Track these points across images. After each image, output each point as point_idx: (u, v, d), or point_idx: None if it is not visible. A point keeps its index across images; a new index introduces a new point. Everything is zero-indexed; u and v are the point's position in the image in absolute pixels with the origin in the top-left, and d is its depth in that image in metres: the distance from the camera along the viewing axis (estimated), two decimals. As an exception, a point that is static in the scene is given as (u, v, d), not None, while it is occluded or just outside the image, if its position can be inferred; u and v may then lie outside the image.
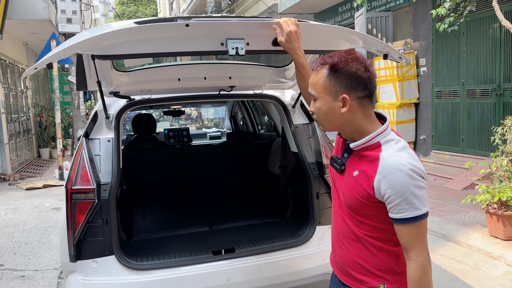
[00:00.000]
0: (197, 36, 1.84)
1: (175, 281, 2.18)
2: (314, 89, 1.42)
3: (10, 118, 9.87)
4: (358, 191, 1.38)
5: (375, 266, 1.42)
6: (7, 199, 7.08)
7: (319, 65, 1.42)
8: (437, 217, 5.00)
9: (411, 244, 1.33)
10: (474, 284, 3.50)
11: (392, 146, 1.37)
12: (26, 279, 3.85)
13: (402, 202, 1.30)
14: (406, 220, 1.31)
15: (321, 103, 1.41)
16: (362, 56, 1.41)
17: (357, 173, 1.39)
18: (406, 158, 1.33)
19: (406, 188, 1.30)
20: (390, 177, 1.31)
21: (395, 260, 1.41)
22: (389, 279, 1.42)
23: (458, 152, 7.31)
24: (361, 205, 1.39)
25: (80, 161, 2.23)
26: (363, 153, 1.40)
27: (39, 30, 10.12)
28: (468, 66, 7.01)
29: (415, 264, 1.32)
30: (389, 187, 1.31)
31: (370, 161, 1.37)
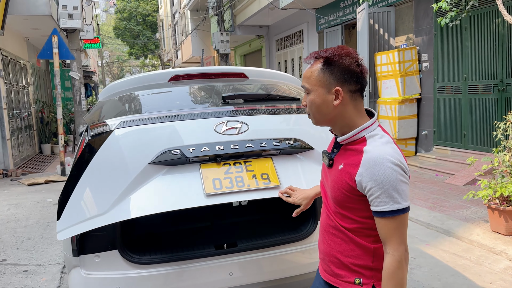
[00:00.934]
0: None
1: (178, 275, 2.18)
2: (308, 82, 1.45)
3: (11, 114, 9.88)
4: (342, 184, 1.42)
5: (352, 261, 1.46)
6: (9, 195, 7.10)
7: (313, 59, 1.46)
8: (438, 213, 5.00)
9: (388, 237, 1.35)
10: (476, 279, 3.50)
11: (376, 140, 1.40)
12: (29, 274, 3.87)
13: (382, 194, 1.33)
14: (385, 213, 1.34)
15: (315, 96, 1.44)
16: (354, 51, 1.45)
17: (342, 167, 1.43)
18: (389, 152, 1.36)
19: (387, 181, 1.32)
20: (372, 170, 1.33)
21: (371, 257, 1.45)
22: (365, 274, 1.45)
23: (460, 148, 7.30)
24: (346, 198, 1.42)
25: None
26: (349, 147, 1.44)
27: (40, 26, 10.11)
28: (470, 61, 6.99)
29: (391, 257, 1.35)
30: (370, 179, 1.33)
31: (355, 155, 1.40)
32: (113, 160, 1.91)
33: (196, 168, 1.98)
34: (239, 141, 2.01)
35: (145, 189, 1.91)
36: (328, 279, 1.54)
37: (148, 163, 1.92)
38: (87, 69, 18.88)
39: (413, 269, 3.73)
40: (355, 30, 9.56)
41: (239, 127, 2.04)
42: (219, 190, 1.92)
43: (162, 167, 1.96)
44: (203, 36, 18.96)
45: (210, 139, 1.99)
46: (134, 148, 1.95)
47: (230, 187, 1.94)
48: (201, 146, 1.95)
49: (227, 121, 2.04)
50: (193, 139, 1.98)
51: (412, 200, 5.58)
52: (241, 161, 2.02)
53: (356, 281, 1.46)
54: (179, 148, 1.95)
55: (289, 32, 13.63)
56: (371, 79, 8.73)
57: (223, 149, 1.97)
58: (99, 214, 1.85)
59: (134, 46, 33.44)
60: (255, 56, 17.60)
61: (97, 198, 1.87)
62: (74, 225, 1.83)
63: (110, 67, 47.06)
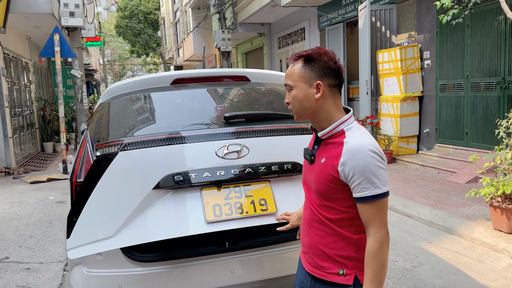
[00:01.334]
0: None
1: (179, 273, 2.18)
2: (290, 79, 1.56)
3: (13, 112, 9.90)
4: (325, 176, 1.51)
5: (336, 252, 1.54)
6: (12, 193, 7.12)
7: (293, 59, 1.59)
8: (440, 211, 4.99)
9: (370, 221, 1.45)
10: (478, 277, 3.50)
11: (354, 132, 1.51)
12: (31, 271, 3.88)
13: (363, 181, 1.43)
14: (367, 198, 1.44)
15: (297, 91, 1.55)
16: (332, 51, 1.58)
17: (324, 160, 1.53)
18: (368, 141, 1.46)
19: (367, 167, 1.42)
20: (353, 158, 1.43)
21: (354, 248, 1.53)
22: (348, 264, 1.54)
23: (462, 146, 7.29)
24: (329, 189, 1.51)
25: (84, 154, 2.24)
26: (329, 141, 1.54)
27: (42, 24, 10.11)
28: (472, 59, 6.97)
29: (373, 239, 1.45)
30: (352, 167, 1.43)
31: (335, 147, 1.50)
32: (118, 184, 1.97)
33: (197, 191, 2.05)
34: (240, 165, 2.06)
35: (149, 215, 1.97)
36: (312, 271, 1.61)
37: (152, 188, 1.98)
38: (89, 67, 18.89)
39: (415, 267, 3.73)
40: (357, 28, 9.54)
41: (240, 151, 2.09)
42: (218, 218, 1.99)
43: (165, 191, 2.02)
44: (204, 34, 18.94)
45: (211, 163, 2.04)
46: (138, 172, 2.00)
47: (230, 214, 2.02)
48: (202, 172, 2.02)
49: (228, 145, 2.08)
50: (195, 164, 2.03)
51: (414, 198, 5.57)
52: (240, 185, 2.09)
53: (339, 271, 1.54)
54: (182, 173, 2.01)
55: (290, 30, 13.60)
56: (372, 77, 8.71)
57: (224, 174, 2.05)
58: (107, 237, 1.94)
59: (136, 44, 33.45)
60: (256, 54, 17.58)
61: (105, 221, 1.94)
62: (84, 245, 1.92)
63: (112, 65, 47.09)
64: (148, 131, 2.14)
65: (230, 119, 2.17)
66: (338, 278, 1.54)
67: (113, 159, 1.98)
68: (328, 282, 1.57)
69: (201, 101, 2.51)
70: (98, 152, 2.00)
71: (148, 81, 2.47)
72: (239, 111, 2.30)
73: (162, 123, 2.26)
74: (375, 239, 1.45)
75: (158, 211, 1.99)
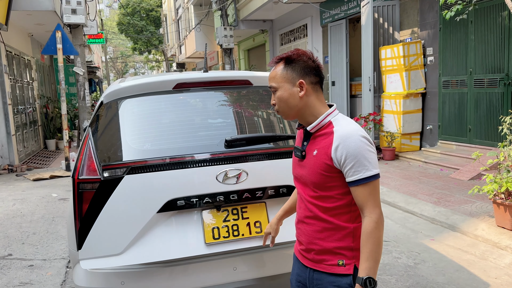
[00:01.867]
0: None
1: (183, 269, 2.19)
2: (274, 81, 1.65)
3: (16, 109, 9.92)
4: (320, 166, 1.59)
5: (334, 245, 1.61)
6: (15, 190, 7.15)
7: (274, 63, 1.68)
8: (443, 208, 4.98)
9: (365, 202, 1.54)
10: (481, 274, 3.49)
11: (341, 121, 1.62)
12: (35, 268, 3.89)
13: (356, 164, 1.52)
14: (360, 180, 1.53)
15: (282, 91, 1.64)
16: (310, 51, 1.68)
17: (316, 152, 1.61)
18: (356, 128, 1.57)
19: (358, 151, 1.52)
20: (345, 144, 1.53)
21: (352, 238, 1.61)
22: (347, 255, 1.61)
23: (465, 142, 7.26)
24: (325, 179, 1.59)
25: (86, 151, 2.24)
26: (318, 133, 1.63)
27: (44, 21, 10.12)
28: (476, 55, 6.93)
29: (368, 219, 1.54)
30: (344, 152, 1.53)
31: (326, 138, 1.60)
32: (125, 206, 2.11)
33: (198, 213, 2.21)
34: (238, 190, 2.21)
35: (153, 236, 2.14)
36: (312, 265, 1.68)
37: (156, 212, 2.12)
38: (91, 64, 18.91)
39: (418, 264, 3.72)
40: (360, 24, 9.50)
41: (239, 176, 2.21)
42: (217, 240, 2.17)
43: (168, 213, 2.17)
44: (206, 31, 18.91)
45: (212, 189, 2.18)
46: (143, 195, 2.13)
47: (227, 236, 2.19)
48: (203, 197, 2.17)
49: (229, 170, 2.19)
50: (196, 189, 2.17)
51: (417, 195, 5.56)
52: (238, 207, 2.25)
53: (339, 262, 1.61)
54: (184, 198, 2.15)
55: (293, 26, 13.57)
56: (375, 74, 8.68)
57: (223, 200, 2.20)
58: (116, 254, 2.10)
59: (138, 41, 33.44)
60: (258, 50, 17.55)
61: (113, 239, 2.11)
62: (96, 259, 2.10)
63: (114, 63, 47.11)
64: (152, 154, 2.20)
65: (231, 142, 2.25)
66: (338, 269, 1.61)
67: (119, 181, 2.11)
68: (328, 274, 1.63)
69: (204, 113, 2.50)
70: (105, 173, 2.11)
71: (150, 86, 2.43)
72: (240, 134, 2.36)
73: (165, 141, 2.31)
74: (371, 219, 1.53)
75: (161, 232, 2.16)
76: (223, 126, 2.45)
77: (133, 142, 2.28)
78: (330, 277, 1.63)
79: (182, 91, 2.48)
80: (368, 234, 1.52)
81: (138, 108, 2.43)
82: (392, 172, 6.98)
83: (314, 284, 1.68)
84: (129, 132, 2.33)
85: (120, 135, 2.32)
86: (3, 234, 4.86)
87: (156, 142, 2.28)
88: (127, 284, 2.14)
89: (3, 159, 9.20)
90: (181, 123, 2.41)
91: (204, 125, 2.44)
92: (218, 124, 2.46)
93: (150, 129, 2.37)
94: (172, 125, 2.40)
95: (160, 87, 2.44)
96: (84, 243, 2.12)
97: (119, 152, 2.23)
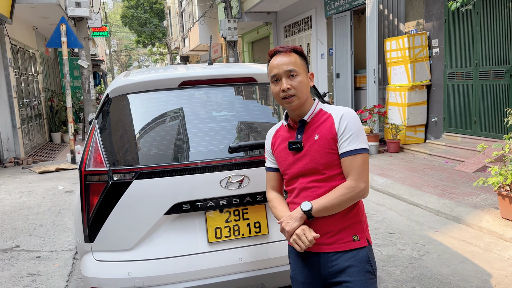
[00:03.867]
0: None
1: (189, 260, 2.22)
2: (296, 66, 1.74)
3: (22, 102, 9.97)
4: (326, 145, 1.69)
5: (347, 221, 1.71)
6: (21, 182, 7.20)
7: (289, 50, 1.76)
8: (448, 200, 4.98)
9: (351, 171, 1.65)
10: (485, 266, 3.50)
11: (330, 107, 1.79)
12: (42, 259, 3.94)
13: (353, 134, 1.66)
14: (353, 151, 1.65)
15: (303, 77, 1.75)
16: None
17: (318, 136, 1.72)
18: (347, 108, 1.74)
19: (356, 124, 1.68)
20: (345, 116, 1.69)
21: (359, 211, 1.75)
22: (358, 228, 1.73)
23: (470, 135, 7.23)
24: (332, 156, 1.69)
25: (93, 143, 2.26)
26: (313, 121, 1.75)
27: (48, 14, 10.12)
28: (481, 46, 6.88)
29: (345, 183, 1.66)
30: (345, 122, 1.68)
31: (324, 121, 1.73)
32: (133, 208, 2.21)
33: (202, 215, 2.32)
34: (240, 194, 2.32)
35: (160, 234, 2.26)
36: (327, 249, 1.71)
37: (163, 214, 2.23)
38: (95, 57, 18.92)
39: (422, 255, 3.74)
40: (364, 16, 9.44)
41: (241, 181, 2.30)
42: (219, 239, 2.30)
43: (174, 215, 2.27)
44: (210, 23, 18.85)
45: (215, 193, 2.28)
46: (151, 198, 2.23)
47: (228, 236, 2.32)
48: (208, 201, 2.28)
49: (232, 175, 2.29)
50: (201, 193, 2.27)
51: (421, 187, 5.56)
52: (239, 209, 2.36)
53: (354, 237, 1.71)
54: (189, 202, 2.26)
55: (297, 18, 13.50)
56: (380, 66, 8.63)
57: (226, 204, 2.31)
58: (126, 249, 2.24)
59: (142, 34, 33.37)
60: (262, 43, 17.49)
61: (124, 236, 2.23)
62: (108, 252, 2.24)
63: (118, 56, 47.09)
64: (159, 159, 2.27)
65: (235, 149, 2.32)
66: (354, 244, 1.70)
67: (128, 185, 2.20)
68: (345, 251, 1.69)
69: (209, 115, 2.53)
70: (115, 177, 2.19)
71: (156, 83, 2.43)
72: (243, 142, 2.44)
73: (172, 145, 2.37)
74: (347, 183, 1.65)
75: (168, 232, 2.28)
76: (228, 130, 2.49)
77: (140, 144, 2.34)
78: (346, 253, 1.68)
79: (187, 89, 2.49)
80: (335, 190, 1.66)
81: (144, 107, 2.44)
82: (397, 165, 6.98)
83: (329, 266, 1.70)
84: (135, 132, 2.37)
85: (127, 133, 2.36)
86: (10, 226, 4.91)
87: (163, 147, 2.33)
88: (134, 274, 2.17)
89: (9, 152, 9.26)
90: (187, 125, 2.44)
91: (209, 129, 2.48)
92: (223, 128, 2.49)
93: (156, 131, 2.41)
94: (178, 128, 2.43)
95: (165, 84, 2.45)
96: (97, 237, 2.22)
97: (128, 156, 2.29)
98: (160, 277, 2.19)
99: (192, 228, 2.30)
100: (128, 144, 2.34)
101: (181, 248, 2.25)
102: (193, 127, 2.44)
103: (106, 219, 2.20)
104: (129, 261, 2.20)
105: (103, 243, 2.23)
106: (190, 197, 2.26)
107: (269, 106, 2.67)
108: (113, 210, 2.19)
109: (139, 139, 2.34)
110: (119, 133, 2.36)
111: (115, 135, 2.34)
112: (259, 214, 2.38)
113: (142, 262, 2.20)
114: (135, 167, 2.21)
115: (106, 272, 2.19)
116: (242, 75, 2.58)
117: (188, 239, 2.28)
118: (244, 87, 2.62)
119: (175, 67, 2.90)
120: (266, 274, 2.29)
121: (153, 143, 2.35)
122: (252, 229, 2.35)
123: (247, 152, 2.36)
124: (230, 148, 2.32)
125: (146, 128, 2.39)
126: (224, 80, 2.54)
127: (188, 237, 2.28)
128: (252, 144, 2.38)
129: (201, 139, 2.42)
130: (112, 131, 2.34)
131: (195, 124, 2.45)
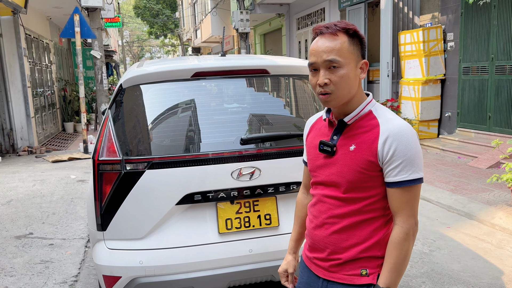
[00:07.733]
0: None
1: (200, 250, 2.24)
2: (339, 55, 1.32)
3: (35, 92, 10.07)
4: (359, 163, 1.36)
5: (359, 252, 1.41)
6: (35, 171, 7.30)
7: (336, 30, 1.35)
8: (460, 195, 4.93)
9: (400, 209, 1.35)
10: (497, 263, 3.46)
11: (383, 112, 1.40)
12: (55, 247, 4.00)
13: (403, 163, 1.31)
14: (403, 182, 1.32)
15: (348, 70, 1.34)
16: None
17: (354, 147, 1.38)
18: (406, 123, 1.35)
19: (410, 150, 1.31)
20: (395, 138, 1.31)
21: (380, 245, 1.41)
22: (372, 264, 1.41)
23: (484, 130, 7.13)
24: (363, 178, 1.36)
25: (106, 133, 2.27)
26: (357, 125, 1.39)
27: (62, 5, 10.18)
28: (498, 41, 6.76)
29: (399, 228, 1.35)
30: (393, 147, 1.31)
31: (368, 131, 1.37)
32: (145, 197, 2.23)
33: (213, 206, 2.33)
34: (251, 186, 2.31)
35: (171, 225, 2.28)
36: (329, 276, 1.47)
37: (175, 204, 2.25)
38: (108, 48, 19.01)
39: (433, 251, 3.71)
40: (379, 8, 9.32)
41: (252, 173, 2.30)
42: (229, 230, 2.31)
43: (185, 205, 2.29)
44: (222, 15, 18.79)
45: (227, 185, 2.29)
46: (163, 188, 2.24)
47: (239, 227, 2.32)
48: (218, 192, 2.29)
49: (243, 167, 2.29)
50: (212, 185, 2.28)
51: (434, 183, 5.51)
52: (250, 201, 2.36)
53: (362, 272, 1.41)
54: (201, 193, 2.26)
55: (310, 10, 13.38)
56: (394, 59, 8.54)
57: (237, 195, 2.31)
58: (138, 238, 2.26)
59: (154, 25, 33.41)
60: (275, 35, 17.39)
61: (136, 225, 2.25)
62: (120, 240, 2.27)
63: (130, 47, 47.26)
64: (171, 149, 2.27)
65: (247, 141, 2.32)
66: (360, 279, 1.41)
67: (141, 175, 2.21)
68: (347, 285, 1.43)
69: (221, 107, 2.51)
70: (128, 167, 2.21)
71: (169, 74, 2.44)
72: (255, 133, 2.42)
73: (184, 136, 2.36)
74: (402, 228, 1.34)
75: (179, 222, 2.30)
76: (240, 122, 2.47)
77: (152, 134, 2.34)
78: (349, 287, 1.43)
79: (200, 80, 2.48)
80: (396, 244, 1.34)
81: (157, 98, 2.45)
82: (409, 159, 6.91)
83: None
84: (148, 122, 2.37)
85: (139, 123, 2.37)
86: (24, 213, 4.99)
87: (175, 138, 2.33)
88: (145, 263, 2.19)
89: (22, 140, 9.38)
90: (199, 116, 2.43)
91: (221, 121, 2.46)
92: (235, 119, 2.48)
93: (169, 121, 2.40)
94: (190, 119, 2.42)
95: (178, 75, 2.45)
96: (109, 226, 2.25)
97: (140, 146, 2.30)
98: (171, 266, 2.21)
99: (203, 218, 2.31)
100: (140, 134, 2.34)
101: (192, 238, 2.26)
102: (205, 119, 2.43)
103: (118, 208, 2.22)
104: (140, 250, 2.22)
105: (115, 231, 2.25)
106: (201, 188, 2.27)
107: (281, 99, 2.65)
108: (125, 199, 2.21)
109: (152, 129, 2.35)
110: (132, 123, 2.37)
111: (128, 125, 2.35)
112: (269, 206, 2.39)
113: (154, 251, 2.22)
114: (148, 157, 2.23)
115: (117, 261, 2.21)
116: (255, 67, 2.57)
117: (199, 230, 2.29)
118: (256, 79, 2.61)
119: (187, 58, 2.90)
120: (276, 266, 2.29)
121: (165, 133, 2.35)
122: (263, 221, 2.36)
123: (259, 144, 2.36)
124: (241, 140, 2.32)
125: (158, 118, 2.39)
126: (237, 72, 2.53)
127: (199, 227, 2.30)
128: (264, 136, 2.39)
129: (213, 130, 2.41)
130: (125, 121, 2.35)
131: (207, 115, 2.45)
